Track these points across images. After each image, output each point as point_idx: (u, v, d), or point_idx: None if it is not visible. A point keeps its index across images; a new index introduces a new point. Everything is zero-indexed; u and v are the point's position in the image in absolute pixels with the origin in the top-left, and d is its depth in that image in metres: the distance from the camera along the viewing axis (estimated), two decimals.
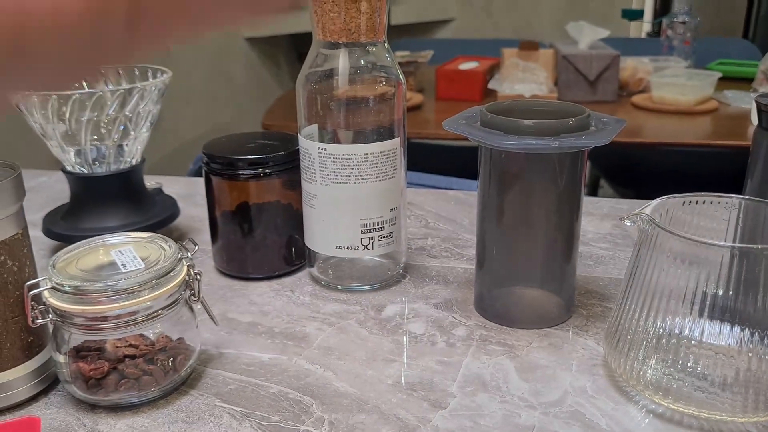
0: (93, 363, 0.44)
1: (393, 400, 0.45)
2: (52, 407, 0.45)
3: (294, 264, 0.63)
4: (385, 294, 0.59)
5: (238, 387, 0.47)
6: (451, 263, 0.65)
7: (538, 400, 0.45)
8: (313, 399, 0.45)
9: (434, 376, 0.47)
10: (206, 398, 0.46)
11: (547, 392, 0.45)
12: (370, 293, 0.59)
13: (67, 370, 0.44)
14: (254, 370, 0.49)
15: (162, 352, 0.45)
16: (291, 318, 0.56)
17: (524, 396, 0.45)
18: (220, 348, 0.51)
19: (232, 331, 0.54)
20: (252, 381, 0.47)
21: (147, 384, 0.44)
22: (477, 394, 0.45)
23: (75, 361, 0.44)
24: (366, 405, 0.45)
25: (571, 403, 0.44)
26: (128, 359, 0.44)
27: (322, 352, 0.51)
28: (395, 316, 0.56)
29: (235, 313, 0.56)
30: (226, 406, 0.45)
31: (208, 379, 0.48)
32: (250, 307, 0.58)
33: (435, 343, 0.52)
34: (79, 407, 0.45)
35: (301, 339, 0.53)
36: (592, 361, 0.49)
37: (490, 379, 0.47)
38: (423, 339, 0.52)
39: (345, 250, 0.57)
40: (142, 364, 0.44)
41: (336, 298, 0.58)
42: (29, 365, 0.45)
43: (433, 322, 0.54)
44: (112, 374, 0.44)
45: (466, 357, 0.50)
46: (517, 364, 0.49)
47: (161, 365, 0.45)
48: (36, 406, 0.46)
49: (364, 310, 0.56)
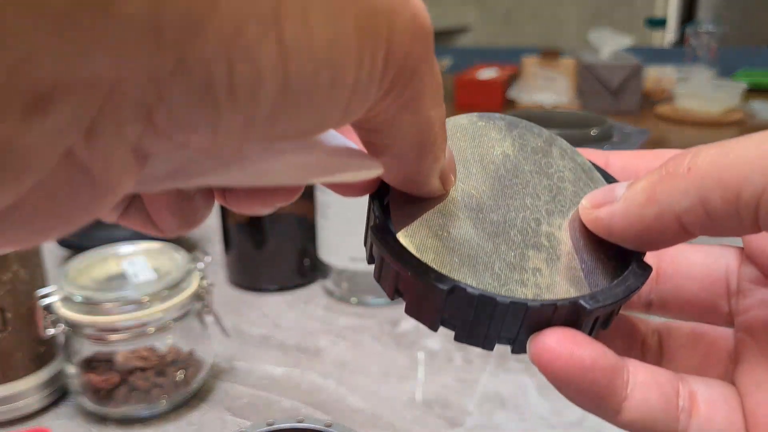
0: (103, 374, 0.43)
1: (408, 418, 0.44)
2: (63, 418, 0.45)
3: (307, 276, 0.62)
4: (400, 308, 0.58)
5: (249, 401, 0.46)
6: None
7: (559, 419, 0.43)
8: (326, 414, 0.44)
9: (451, 394, 0.46)
10: (217, 412, 0.45)
11: (568, 411, 0.44)
12: (385, 307, 0.58)
13: (77, 382, 0.44)
14: (266, 383, 0.48)
15: (173, 365, 0.44)
16: (304, 331, 0.55)
17: (544, 415, 0.44)
18: (232, 361, 0.51)
19: (244, 344, 0.53)
20: (264, 395, 0.47)
21: (157, 396, 0.44)
22: (495, 412, 0.44)
23: (85, 373, 0.43)
24: (380, 421, 0.43)
25: (592, 423, 0.43)
26: (138, 371, 0.43)
27: (335, 366, 0.50)
28: (411, 330, 0.54)
29: (247, 326, 0.56)
30: (237, 420, 0.44)
31: (219, 392, 0.47)
32: (263, 319, 0.57)
33: (452, 360, 0.50)
34: (89, 419, 0.45)
35: (314, 353, 0.52)
36: None
37: (508, 396, 0.46)
38: (439, 355, 0.51)
39: (360, 261, 0.56)
40: (152, 376, 0.44)
41: (350, 312, 0.57)
42: (40, 376, 0.45)
43: (449, 337, 0.53)
44: (123, 386, 0.43)
45: (484, 374, 0.48)
46: (537, 381, 0.47)
47: (172, 378, 0.44)
48: (46, 417, 0.45)
49: (379, 325, 0.55)
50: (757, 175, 0.16)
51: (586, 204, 0.20)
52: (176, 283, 0.44)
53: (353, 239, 0.55)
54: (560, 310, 0.18)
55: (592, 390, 0.18)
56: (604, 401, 0.18)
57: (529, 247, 0.20)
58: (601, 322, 0.19)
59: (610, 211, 0.19)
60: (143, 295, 0.42)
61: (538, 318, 0.18)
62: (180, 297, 0.44)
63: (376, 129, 0.16)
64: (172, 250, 0.47)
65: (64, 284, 0.43)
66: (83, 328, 0.43)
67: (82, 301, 0.42)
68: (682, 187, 0.17)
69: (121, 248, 0.48)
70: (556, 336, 0.18)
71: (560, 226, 0.20)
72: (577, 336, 0.18)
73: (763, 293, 0.20)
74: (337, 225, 0.56)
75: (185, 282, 0.44)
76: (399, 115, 0.15)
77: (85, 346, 0.43)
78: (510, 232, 0.20)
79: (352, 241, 0.55)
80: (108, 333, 0.42)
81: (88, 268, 0.46)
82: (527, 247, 0.19)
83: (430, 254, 0.19)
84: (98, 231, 0.64)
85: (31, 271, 0.44)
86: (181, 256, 0.46)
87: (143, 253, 0.48)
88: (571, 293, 0.19)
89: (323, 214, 0.57)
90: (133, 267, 0.46)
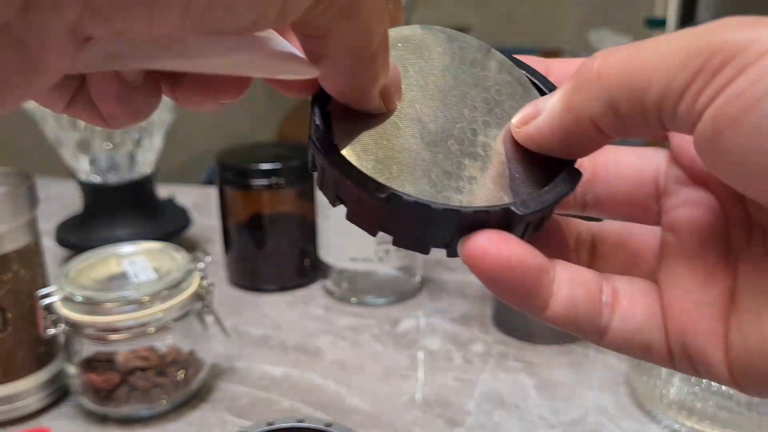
0: (104, 374, 0.43)
1: (408, 418, 0.44)
2: (63, 418, 0.45)
3: (307, 276, 0.62)
4: (400, 308, 0.58)
5: (249, 401, 0.46)
6: (469, 277, 0.63)
7: (558, 418, 0.43)
8: (326, 415, 0.44)
9: (450, 393, 0.46)
10: (217, 412, 0.45)
11: (568, 411, 0.44)
12: (385, 307, 0.58)
13: (77, 382, 0.44)
14: (266, 384, 0.48)
15: (173, 365, 0.44)
16: (304, 331, 0.55)
17: (543, 414, 0.44)
18: (232, 361, 0.51)
19: (244, 344, 0.53)
20: (264, 395, 0.47)
21: (157, 397, 0.44)
22: (494, 412, 0.44)
23: (86, 373, 0.43)
24: (380, 422, 0.44)
25: (592, 422, 0.43)
26: (139, 371, 0.43)
27: (335, 366, 0.50)
28: (411, 330, 0.55)
29: (247, 326, 0.56)
30: (237, 420, 0.44)
31: (219, 392, 0.47)
32: (263, 319, 0.57)
33: (452, 359, 0.50)
34: (90, 419, 0.45)
35: (314, 353, 0.52)
36: (614, 379, 0.47)
37: (508, 396, 0.46)
38: (439, 355, 0.51)
39: (360, 262, 0.56)
40: (152, 376, 0.44)
41: (350, 312, 0.57)
42: (40, 376, 0.45)
43: (449, 337, 0.53)
44: (123, 386, 0.43)
45: (484, 373, 0.48)
46: (537, 381, 0.47)
47: (172, 378, 0.44)
48: (47, 417, 0.45)
49: (379, 324, 0.55)
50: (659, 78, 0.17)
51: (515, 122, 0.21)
52: (176, 283, 0.44)
53: (353, 239, 0.55)
54: (492, 215, 0.19)
55: (519, 287, 0.19)
56: (531, 298, 0.19)
57: (465, 156, 0.20)
58: (533, 225, 0.20)
59: (536, 125, 0.20)
60: (143, 295, 0.42)
61: (470, 223, 0.19)
62: (180, 297, 0.44)
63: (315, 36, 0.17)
64: (172, 250, 0.47)
65: (65, 284, 0.43)
66: (84, 328, 0.43)
67: (83, 301, 0.42)
68: (593, 92, 0.18)
69: (121, 248, 0.48)
70: (487, 236, 0.18)
71: (496, 137, 0.21)
72: (506, 236, 0.19)
73: (687, 193, 0.21)
74: (337, 225, 0.56)
75: (185, 282, 0.44)
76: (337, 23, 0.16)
77: (85, 346, 0.43)
78: (447, 142, 0.20)
79: (352, 241, 0.55)
80: (108, 333, 0.43)
81: (88, 268, 0.46)
82: (464, 156, 0.20)
83: (370, 162, 0.19)
84: (99, 231, 0.64)
85: (32, 271, 0.44)
86: (182, 256, 0.46)
87: (143, 253, 0.48)
88: (504, 200, 0.20)
89: (323, 214, 0.57)
90: (134, 267, 0.46)
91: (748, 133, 0.15)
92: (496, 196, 0.20)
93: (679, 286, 0.20)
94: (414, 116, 0.21)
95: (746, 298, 0.18)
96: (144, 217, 0.65)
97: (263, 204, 0.59)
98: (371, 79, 0.19)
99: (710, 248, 0.20)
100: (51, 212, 0.79)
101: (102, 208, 0.65)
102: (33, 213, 0.44)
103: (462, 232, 0.19)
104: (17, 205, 0.42)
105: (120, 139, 0.63)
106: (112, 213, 0.65)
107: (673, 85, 0.16)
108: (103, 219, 0.65)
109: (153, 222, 0.66)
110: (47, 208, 0.80)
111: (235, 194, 0.59)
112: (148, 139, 0.64)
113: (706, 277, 0.19)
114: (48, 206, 0.82)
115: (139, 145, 0.64)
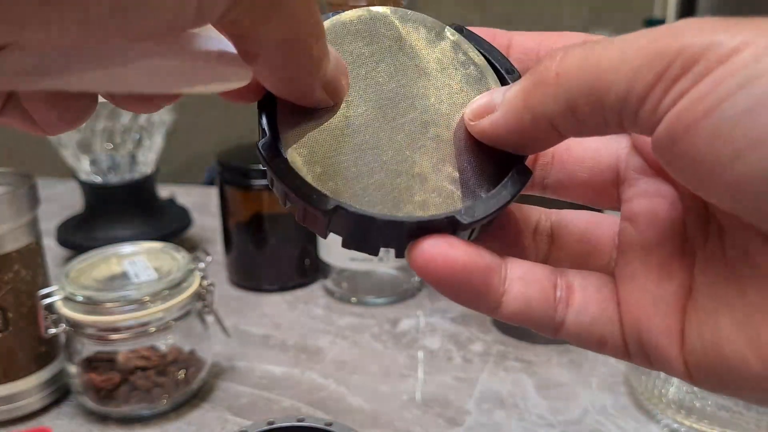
0: (104, 374, 0.43)
1: (408, 417, 0.44)
2: (64, 418, 0.45)
3: (307, 276, 0.62)
4: (400, 307, 0.58)
5: (249, 400, 0.46)
6: None
7: (557, 418, 0.43)
8: (326, 414, 0.44)
9: (450, 393, 0.46)
10: (218, 411, 0.45)
11: (567, 410, 0.44)
12: (384, 306, 0.58)
13: (78, 381, 0.44)
14: (266, 383, 0.48)
15: (173, 364, 0.44)
16: (304, 331, 0.55)
17: (543, 414, 0.44)
18: (232, 361, 0.51)
19: (245, 344, 0.53)
20: (264, 394, 0.47)
21: (158, 396, 0.44)
22: (494, 411, 0.44)
23: (86, 372, 0.44)
24: (379, 421, 0.44)
25: (591, 421, 0.43)
26: (139, 371, 0.44)
27: (335, 366, 0.50)
28: (410, 330, 0.55)
29: (247, 326, 0.56)
30: (238, 420, 0.44)
31: (220, 392, 0.47)
32: (263, 319, 0.57)
33: (451, 359, 0.50)
34: (91, 419, 0.45)
35: (314, 352, 0.52)
36: (613, 379, 0.47)
37: (507, 396, 0.46)
38: (439, 354, 0.51)
39: (360, 261, 0.56)
40: (153, 376, 0.44)
41: (350, 312, 0.58)
42: (41, 375, 0.45)
43: (449, 336, 0.53)
44: (124, 386, 0.43)
45: (483, 373, 0.48)
46: (536, 380, 0.47)
47: (172, 377, 0.44)
48: (48, 416, 0.45)
49: (379, 324, 0.56)
50: (620, 81, 0.16)
51: (469, 115, 0.20)
52: (177, 283, 0.44)
53: None
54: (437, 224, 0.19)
55: (468, 289, 0.19)
56: (482, 298, 0.19)
57: (415, 151, 0.20)
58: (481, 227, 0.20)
59: (491, 121, 0.19)
60: (144, 295, 0.42)
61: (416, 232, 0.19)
62: (181, 297, 0.44)
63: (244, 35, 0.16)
64: (173, 250, 0.48)
65: (66, 284, 0.43)
66: (84, 328, 0.43)
67: (84, 301, 0.42)
68: (552, 93, 0.18)
69: (122, 248, 0.48)
70: (431, 242, 0.18)
71: (448, 126, 0.21)
72: (450, 240, 0.18)
73: (647, 183, 0.21)
74: None
75: (186, 282, 0.45)
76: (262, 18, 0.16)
77: (86, 345, 0.44)
78: (397, 137, 0.20)
79: None
80: (109, 333, 0.43)
81: (89, 268, 0.46)
82: (414, 151, 0.20)
83: (317, 167, 0.19)
84: (100, 231, 0.65)
85: (33, 270, 0.44)
86: (182, 256, 0.47)
87: (144, 253, 0.48)
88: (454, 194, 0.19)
89: None
90: (134, 267, 0.46)
91: (707, 136, 0.15)
92: (445, 191, 0.19)
93: (635, 280, 0.19)
94: (362, 111, 0.20)
95: (702, 293, 0.18)
96: (145, 217, 0.65)
97: (264, 204, 0.59)
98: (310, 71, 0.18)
99: (668, 241, 0.19)
100: (52, 212, 0.79)
101: (103, 208, 0.65)
102: (34, 213, 0.44)
103: (408, 238, 0.19)
104: (18, 206, 0.42)
105: (120, 140, 0.63)
106: (113, 213, 0.65)
107: (634, 88, 0.16)
108: (104, 219, 0.65)
109: (154, 222, 0.66)
110: (48, 208, 0.80)
111: (236, 194, 0.59)
112: (148, 139, 0.64)
113: (663, 271, 0.19)
114: (49, 206, 0.83)
115: (139, 145, 0.64)
